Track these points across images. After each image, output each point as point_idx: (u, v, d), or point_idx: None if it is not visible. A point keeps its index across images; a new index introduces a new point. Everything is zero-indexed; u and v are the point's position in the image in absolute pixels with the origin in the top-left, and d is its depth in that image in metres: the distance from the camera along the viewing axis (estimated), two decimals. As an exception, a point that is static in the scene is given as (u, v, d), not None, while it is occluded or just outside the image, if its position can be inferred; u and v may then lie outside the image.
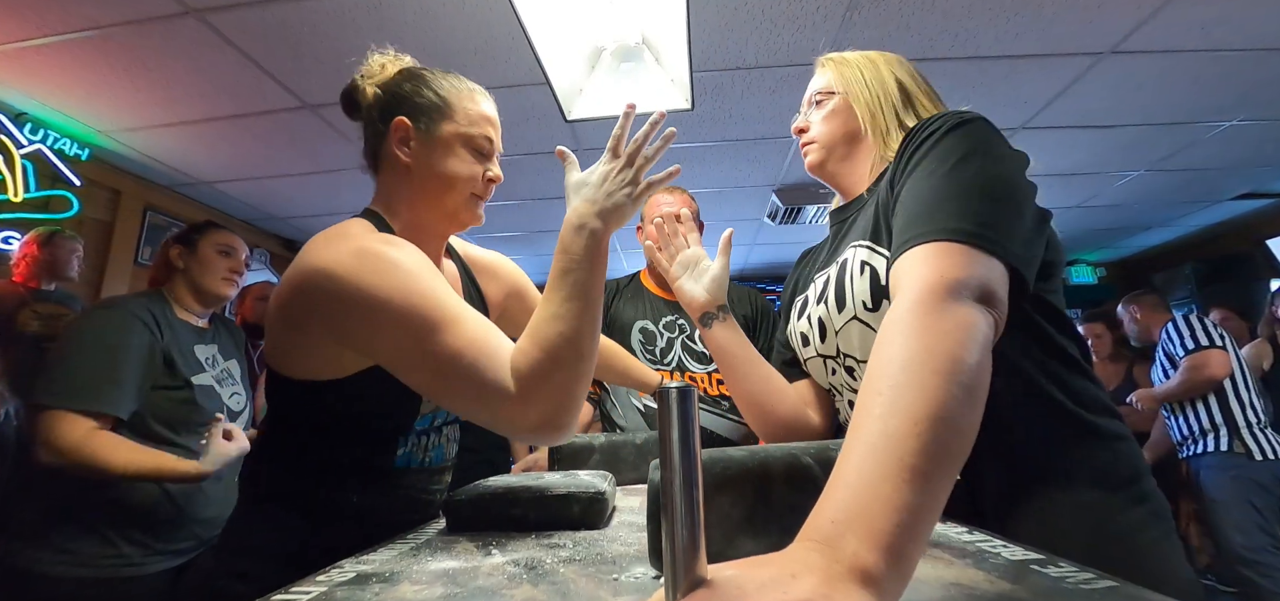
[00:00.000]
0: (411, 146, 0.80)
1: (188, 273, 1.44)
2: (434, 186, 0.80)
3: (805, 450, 0.50)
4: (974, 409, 0.42)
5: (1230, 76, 2.34)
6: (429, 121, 0.80)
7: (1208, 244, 4.61)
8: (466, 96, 0.83)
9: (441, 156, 0.80)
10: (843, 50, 0.88)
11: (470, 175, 0.81)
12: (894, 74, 0.82)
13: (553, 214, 3.81)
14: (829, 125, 0.85)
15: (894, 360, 0.43)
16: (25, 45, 2.00)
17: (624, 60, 2.10)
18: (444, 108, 0.81)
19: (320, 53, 2.07)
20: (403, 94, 0.81)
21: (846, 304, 0.72)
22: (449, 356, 0.61)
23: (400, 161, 0.80)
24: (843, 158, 0.85)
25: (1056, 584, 0.40)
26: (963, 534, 0.57)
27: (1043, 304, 0.66)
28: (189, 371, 1.34)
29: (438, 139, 0.80)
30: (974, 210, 0.54)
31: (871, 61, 0.84)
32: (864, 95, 0.82)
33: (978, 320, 0.46)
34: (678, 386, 0.28)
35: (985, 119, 0.64)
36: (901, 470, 0.36)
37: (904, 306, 0.48)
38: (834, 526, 0.34)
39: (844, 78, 0.84)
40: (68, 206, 2.69)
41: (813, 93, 0.88)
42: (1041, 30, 2.03)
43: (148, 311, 1.32)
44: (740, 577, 0.30)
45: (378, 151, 0.83)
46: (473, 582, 0.47)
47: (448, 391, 0.63)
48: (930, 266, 0.51)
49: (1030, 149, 0.68)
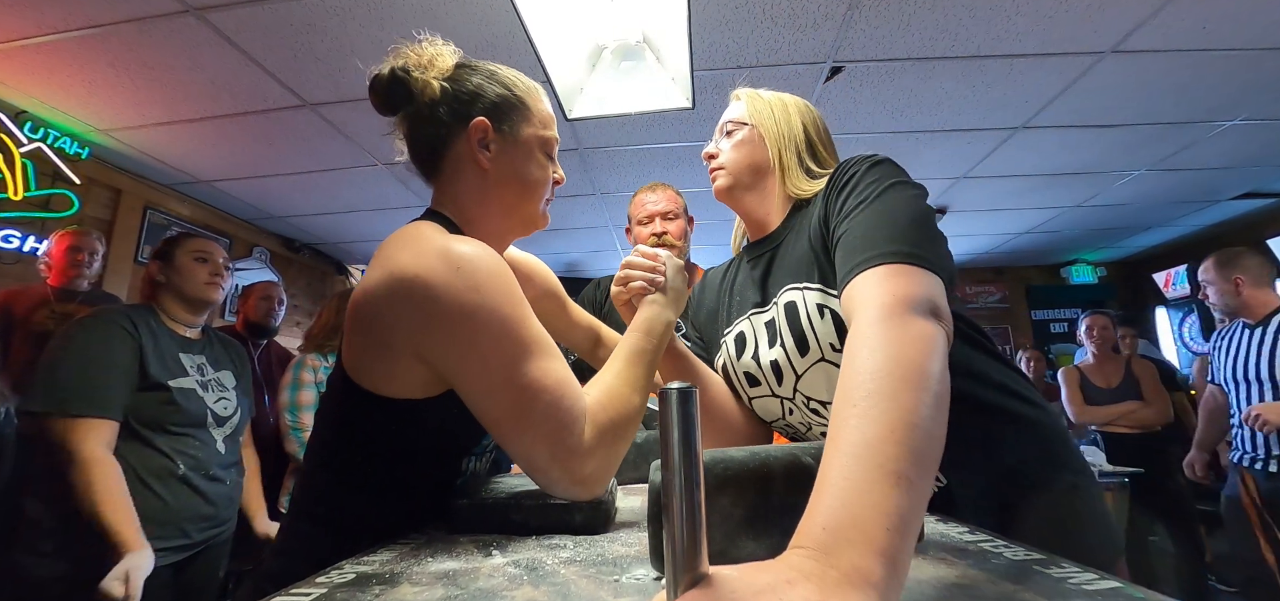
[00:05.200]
0: (491, 150, 0.73)
1: (170, 285, 1.48)
2: (513, 192, 0.76)
3: (806, 450, 0.50)
4: (942, 414, 0.44)
5: (1231, 76, 2.34)
6: (511, 124, 0.75)
7: (1208, 244, 4.60)
8: (537, 95, 0.79)
9: (523, 161, 0.75)
10: (842, 52, 0.90)
11: (547, 180, 0.79)
12: (801, 118, 0.87)
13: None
14: (737, 154, 0.88)
15: (864, 371, 0.45)
16: (25, 44, 2.00)
17: (625, 59, 2.10)
18: (521, 107, 0.75)
19: (320, 51, 2.06)
20: (475, 90, 0.74)
21: (810, 347, 0.74)
22: (535, 389, 0.58)
23: (478, 166, 0.73)
24: (748, 188, 0.88)
25: (1058, 584, 0.40)
26: (964, 534, 0.57)
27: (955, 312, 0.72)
28: (168, 376, 1.37)
29: (520, 142, 0.75)
30: (908, 236, 0.60)
31: (783, 102, 0.89)
32: (773, 132, 0.86)
33: (935, 332, 0.50)
34: (679, 387, 0.28)
35: (891, 158, 0.72)
36: (885, 475, 0.37)
37: (867, 322, 0.51)
38: (826, 533, 0.34)
39: (757, 111, 0.88)
40: (68, 205, 2.69)
41: (725, 122, 0.92)
42: (1042, 30, 2.03)
43: (130, 320, 1.37)
44: (739, 581, 0.30)
45: (441, 152, 0.74)
46: (473, 583, 0.47)
47: (521, 426, 0.59)
48: (883, 286, 0.55)
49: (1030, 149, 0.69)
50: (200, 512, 1.38)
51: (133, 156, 2.88)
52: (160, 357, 1.37)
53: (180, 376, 1.40)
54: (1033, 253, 5.11)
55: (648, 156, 2.95)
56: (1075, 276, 5.40)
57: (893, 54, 2.15)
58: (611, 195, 3.55)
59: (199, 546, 1.38)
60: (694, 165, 3.06)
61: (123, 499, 1.21)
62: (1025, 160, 3.12)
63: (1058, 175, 3.34)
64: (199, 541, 1.38)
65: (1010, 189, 3.53)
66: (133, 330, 1.34)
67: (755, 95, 0.90)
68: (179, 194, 3.36)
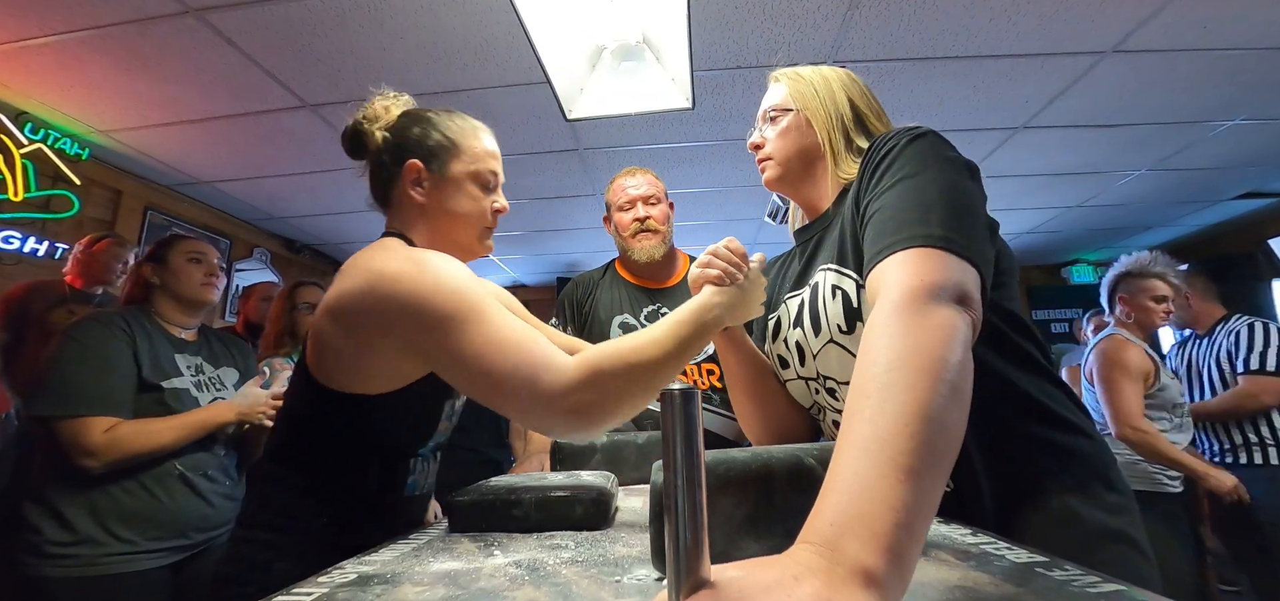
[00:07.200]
0: (424, 186, 0.84)
1: (165, 287, 1.48)
2: (446, 222, 0.86)
3: (808, 451, 0.49)
4: (960, 406, 0.42)
5: (1231, 76, 2.34)
6: (439, 162, 0.85)
7: (1209, 244, 4.60)
8: (471, 134, 0.88)
9: (452, 194, 0.85)
10: (842, 52, 0.88)
11: (480, 210, 0.87)
12: (847, 92, 0.83)
13: (553, 213, 3.81)
14: (784, 142, 0.85)
15: (879, 362, 0.43)
16: (26, 45, 2.00)
17: (624, 59, 2.10)
18: (452, 148, 0.86)
19: (321, 52, 2.06)
20: (412, 137, 0.85)
21: (822, 328, 0.73)
22: (503, 347, 0.66)
23: (414, 201, 0.84)
24: (800, 175, 0.85)
25: (1061, 587, 0.40)
26: (966, 536, 0.57)
27: (999, 308, 0.67)
28: (160, 376, 1.37)
29: (448, 178, 0.85)
30: (941, 218, 0.56)
31: (825, 79, 0.84)
32: (820, 115, 0.82)
33: (958, 320, 0.47)
34: (681, 388, 0.28)
35: (936, 132, 0.67)
36: (895, 470, 0.36)
37: (887, 310, 0.48)
38: (833, 529, 0.34)
39: (800, 94, 0.84)
40: (69, 206, 2.69)
41: (767, 108, 0.88)
42: (1042, 30, 2.03)
43: (124, 321, 1.37)
44: (743, 580, 0.30)
45: (389, 191, 0.87)
46: (474, 584, 0.47)
47: (498, 381, 0.66)
48: (908, 271, 0.52)
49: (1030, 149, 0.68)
50: (199, 513, 1.38)
51: (133, 157, 2.88)
52: (154, 359, 1.37)
53: (174, 377, 1.40)
54: (1033, 253, 5.11)
55: (648, 157, 2.95)
56: (1076, 276, 5.40)
57: (893, 54, 2.15)
58: (612, 196, 3.54)
59: (199, 547, 1.38)
60: (694, 165, 3.06)
61: (181, 417, 1.33)
62: (1026, 160, 3.12)
63: (1058, 175, 3.34)
64: (198, 542, 1.38)
65: (1011, 189, 3.53)
66: (127, 331, 1.35)
67: (797, 75, 0.85)
68: (179, 195, 3.36)
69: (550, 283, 5.64)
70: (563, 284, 5.33)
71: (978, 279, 0.54)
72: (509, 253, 4.77)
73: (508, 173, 0.94)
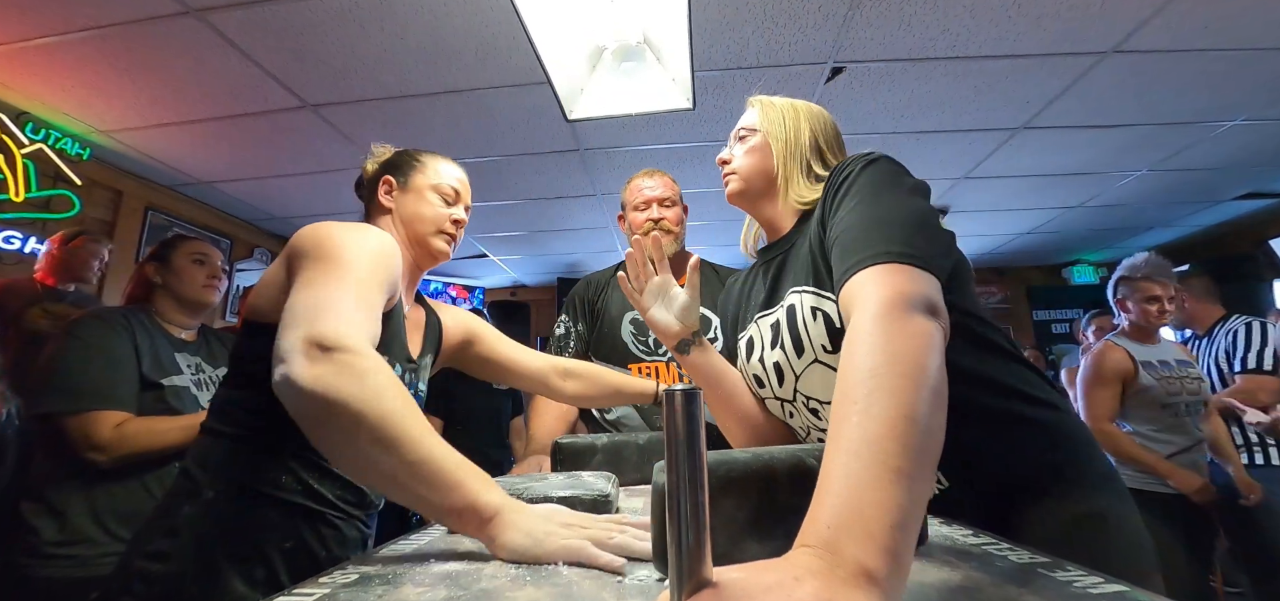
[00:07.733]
0: (393, 194, 1.01)
1: (167, 287, 1.48)
2: (408, 226, 1.00)
3: (810, 452, 0.49)
4: (941, 410, 0.45)
5: (1231, 76, 2.34)
6: (406, 175, 1.02)
7: (1209, 244, 4.60)
8: (439, 160, 1.05)
9: (414, 202, 1.01)
10: (843, 52, 0.90)
11: (436, 214, 1.01)
12: (810, 125, 0.88)
13: (553, 214, 3.81)
14: (748, 161, 0.90)
15: (863, 369, 0.45)
16: (26, 45, 2.00)
17: (625, 59, 2.10)
18: (419, 166, 1.03)
19: (321, 52, 2.06)
20: (391, 162, 1.04)
21: (805, 349, 0.74)
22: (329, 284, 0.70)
23: (383, 206, 1.01)
24: (760, 193, 0.90)
25: (1063, 588, 0.40)
26: (967, 536, 0.57)
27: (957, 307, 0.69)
28: (160, 373, 1.37)
29: (411, 187, 1.01)
30: (903, 235, 0.60)
31: (795, 110, 0.89)
32: (779, 141, 0.87)
33: (932, 329, 0.50)
34: (683, 388, 0.28)
35: (888, 156, 0.73)
36: (885, 472, 0.37)
37: (865, 321, 0.51)
38: (831, 531, 0.35)
39: (767, 119, 0.90)
40: (69, 206, 2.69)
41: (739, 127, 0.94)
42: (1042, 30, 2.03)
43: (125, 318, 1.37)
44: (745, 581, 0.30)
45: (370, 204, 1.04)
46: (475, 584, 0.47)
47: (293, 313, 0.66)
48: (880, 285, 0.55)
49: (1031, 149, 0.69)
50: None
51: (134, 157, 2.88)
52: (154, 356, 1.37)
53: (174, 375, 1.40)
54: (1034, 253, 5.11)
55: (648, 157, 2.95)
56: (1077, 277, 5.40)
57: (894, 54, 2.15)
58: (612, 196, 3.55)
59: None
60: (695, 165, 3.06)
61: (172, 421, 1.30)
62: (1026, 161, 3.12)
63: (1059, 175, 3.34)
64: None
65: (1011, 189, 3.53)
66: (128, 328, 1.35)
67: (769, 103, 0.91)
68: (180, 195, 3.36)
69: (550, 283, 5.64)
70: (563, 284, 5.33)
71: (939, 288, 0.57)
72: (509, 253, 4.77)
73: (508, 173, 0.95)
